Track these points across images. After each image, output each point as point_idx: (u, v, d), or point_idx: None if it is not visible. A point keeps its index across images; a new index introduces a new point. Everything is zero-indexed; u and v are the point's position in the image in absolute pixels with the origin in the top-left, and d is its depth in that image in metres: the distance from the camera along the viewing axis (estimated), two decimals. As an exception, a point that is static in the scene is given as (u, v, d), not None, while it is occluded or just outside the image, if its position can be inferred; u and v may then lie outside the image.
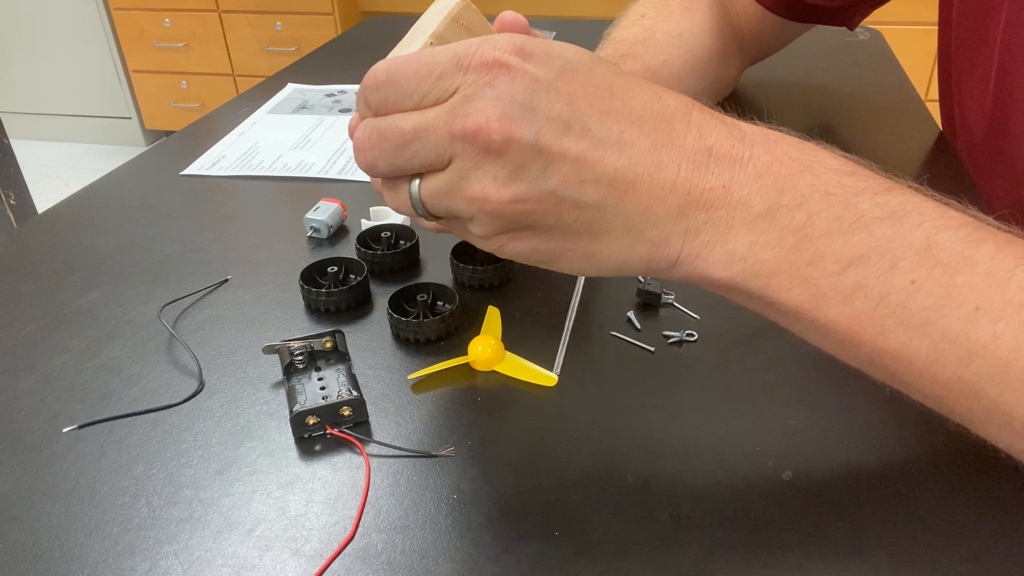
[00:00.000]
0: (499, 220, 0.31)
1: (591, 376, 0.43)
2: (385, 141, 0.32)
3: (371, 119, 0.33)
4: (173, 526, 0.35)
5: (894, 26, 1.91)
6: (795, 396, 0.41)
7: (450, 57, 0.31)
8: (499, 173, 0.30)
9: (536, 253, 0.33)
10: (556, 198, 0.31)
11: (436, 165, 0.31)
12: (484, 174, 0.30)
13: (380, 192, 0.35)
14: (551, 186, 0.30)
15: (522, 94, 0.30)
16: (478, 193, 0.31)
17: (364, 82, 0.33)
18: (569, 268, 0.34)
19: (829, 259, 0.30)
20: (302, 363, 0.43)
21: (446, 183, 0.31)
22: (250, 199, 0.65)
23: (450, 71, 0.30)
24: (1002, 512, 0.35)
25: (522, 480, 0.37)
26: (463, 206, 0.31)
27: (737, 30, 0.73)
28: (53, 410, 0.42)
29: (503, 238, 0.32)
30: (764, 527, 0.34)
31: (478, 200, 0.31)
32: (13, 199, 1.60)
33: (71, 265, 0.56)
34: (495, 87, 0.30)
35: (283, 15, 2.63)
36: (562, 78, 0.30)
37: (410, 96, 0.31)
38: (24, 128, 3.03)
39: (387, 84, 0.32)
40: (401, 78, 0.31)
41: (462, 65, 0.30)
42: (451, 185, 0.31)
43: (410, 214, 0.34)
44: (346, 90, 0.88)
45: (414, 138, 0.31)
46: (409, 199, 0.33)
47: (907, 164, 0.67)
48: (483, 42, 0.31)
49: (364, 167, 0.33)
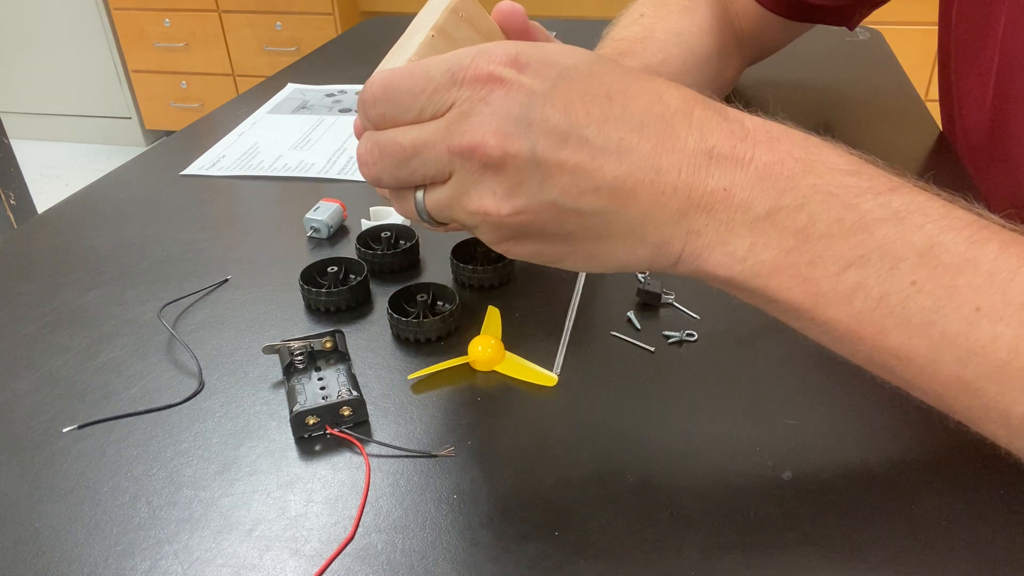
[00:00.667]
0: (502, 231, 0.32)
1: (591, 376, 0.43)
2: (387, 156, 0.32)
3: (372, 133, 0.33)
4: (173, 526, 0.35)
5: (894, 26, 1.91)
6: (795, 396, 0.41)
7: (444, 71, 0.31)
8: (498, 188, 0.30)
9: (541, 256, 0.34)
10: (557, 208, 0.31)
11: (438, 179, 0.32)
12: (484, 189, 0.31)
13: (388, 199, 0.36)
14: (551, 197, 0.30)
15: (517, 108, 0.30)
16: (479, 207, 0.31)
17: (362, 96, 0.33)
18: (574, 267, 0.34)
19: (829, 260, 0.30)
20: (302, 363, 0.43)
21: (448, 196, 0.32)
22: (250, 199, 0.65)
23: (445, 85, 0.31)
24: (1002, 511, 0.35)
25: (522, 480, 0.37)
26: (466, 218, 0.32)
27: (737, 30, 0.73)
28: (53, 410, 0.42)
29: (508, 244, 0.33)
30: (764, 527, 0.34)
31: (479, 214, 0.31)
32: (13, 199, 1.60)
33: (71, 265, 0.56)
34: (490, 103, 0.30)
35: (283, 15, 2.63)
36: (558, 88, 0.30)
37: (407, 111, 0.32)
38: (24, 128, 3.03)
39: (384, 100, 0.32)
40: (397, 93, 0.32)
41: (456, 79, 0.30)
42: (453, 199, 0.32)
43: (414, 219, 0.35)
44: (346, 90, 0.88)
45: (414, 153, 0.31)
46: (413, 206, 0.34)
47: (907, 164, 0.67)
48: (477, 53, 0.31)
49: (370, 180, 0.34)
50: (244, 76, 2.78)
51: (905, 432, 0.39)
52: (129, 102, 2.97)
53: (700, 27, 0.67)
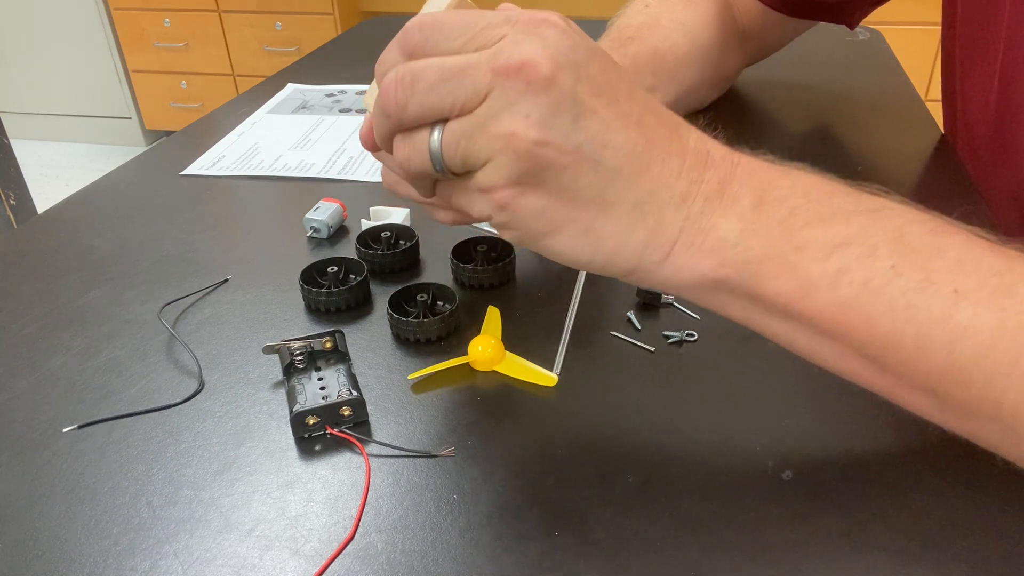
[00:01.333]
0: (519, 164, 0.31)
1: (591, 376, 0.43)
2: (420, 80, 0.31)
3: (405, 64, 0.32)
4: (173, 526, 0.35)
5: (894, 26, 1.91)
6: (795, 396, 0.41)
7: (497, 13, 0.32)
8: (533, 112, 0.30)
9: (542, 217, 0.32)
10: (579, 154, 0.31)
11: (469, 104, 0.31)
12: (517, 112, 0.30)
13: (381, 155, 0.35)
14: (578, 140, 0.31)
15: (568, 47, 0.31)
16: (507, 129, 0.30)
17: (405, 27, 0.33)
18: (566, 245, 0.33)
19: (813, 246, 0.32)
20: (302, 363, 0.43)
21: (472, 124, 0.31)
22: (250, 199, 0.65)
23: (498, 22, 0.32)
24: (1002, 511, 0.35)
25: (522, 480, 0.37)
26: (486, 145, 0.31)
27: (739, 25, 0.73)
28: (53, 410, 0.42)
29: (515, 191, 0.32)
30: (764, 527, 0.34)
31: (505, 137, 0.30)
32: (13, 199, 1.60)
33: (71, 265, 0.56)
34: (544, 37, 0.31)
35: (283, 15, 2.63)
36: (597, 51, 0.32)
37: (454, 40, 0.32)
38: (24, 128, 3.03)
39: (431, 26, 0.32)
40: (447, 24, 0.32)
41: (511, 19, 0.31)
42: (478, 124, 0.31)
43: (419, 166, 0.33)
44: (346, 90, 0.88)
45: (453, 75, 0.31)
46: (427, 146, 0.32)
47: (907, 164, 0.67)
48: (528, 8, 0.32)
49: (391, 108, 0.32)
50: (244, 76, 2.78)
51: (905, 432, 0.39)
52: (129, 102, 2.97)
53: (703, 19, 0.69)
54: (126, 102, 2.97)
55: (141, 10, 2.74)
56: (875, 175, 0.65)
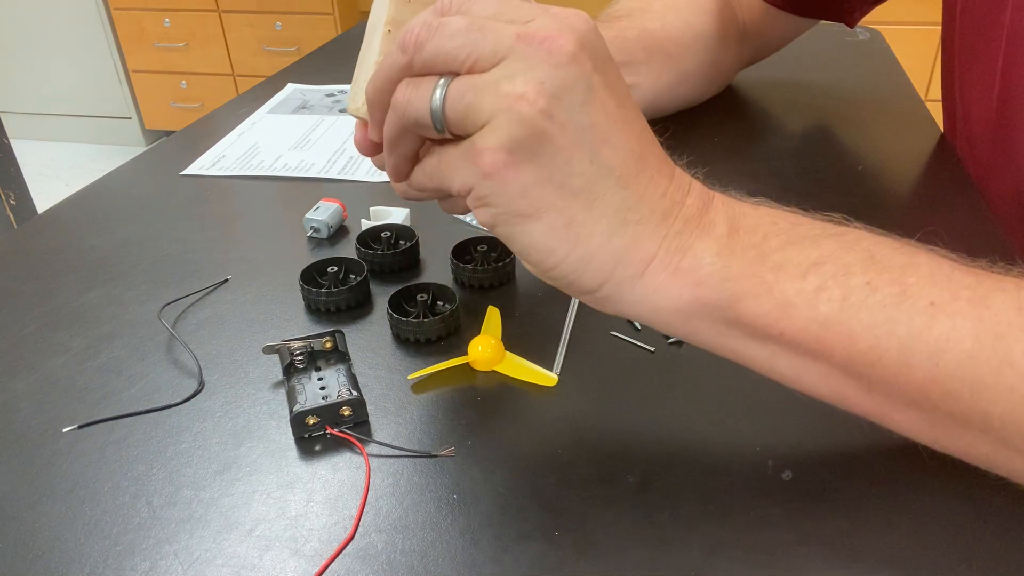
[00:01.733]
0: (520, 128, 0.30)
1: (591, 376, 0.43)
2: (445, 27, 0.32)
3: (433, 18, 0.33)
4: (173, 526, 0.35)
5: (894, 26, 1.91)
6: (795, 396, 0.41)
7: (533, 3, 0.33)
8: (548, 81, 0.31)
9: (526, 196, 0.32)
10: (579, 138, 0.31)
11: (484, 61, 0.31)
12: (532, 76, 0.30)
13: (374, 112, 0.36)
14: (582, 123, 0.31)
15: (595, 39, 0.32)
16: (519, 89, 0.30)
17: None
18: (543, 235, 0.32)
19: (789, 266, 0.33)
20: (302, 363, 0.43)
21: (484, 81, 0.31)
22: (250, 199, 0.65)
23: (532, 7, 0.33)
24: (1001, 512, 0.35)
25: (522, 480, 0.37)
26: (493, 103, 0.31)
27: (739, 21, 0.74)
28: (53, 410, 0.42)
29: (507, 157, 0.31)
30: (764, 527, 0.34)
31: (513, 97, 0.30)
32: (13, 199, 1.60)
33: (71, 265, 0.56)
34: (573, 25, 0.32)
35: (283, 15, 2.63)
36: (615, 62, 0.34)
37: (487, 10, 0.32)
38: (24, 128, 3.03)
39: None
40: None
41: (545, 9, 0.33)
42: (489, 82, 0.31)
43: (416, 114, 0.32)
44: (346, 90, 0.88)
45: (478, 29, 0.31)
46: (430, 93, 0.32)
47: (907, 164, 0.67)
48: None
49: (409, 44, 0.32)
50: (244, 76, 2.78)
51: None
52: (129, 102, 2.97)
53: (699, 6, 0.70)
54: (126, 102, 2.97)
55: (141, 10, 2.74)
56: (875, 175, 0.65)
